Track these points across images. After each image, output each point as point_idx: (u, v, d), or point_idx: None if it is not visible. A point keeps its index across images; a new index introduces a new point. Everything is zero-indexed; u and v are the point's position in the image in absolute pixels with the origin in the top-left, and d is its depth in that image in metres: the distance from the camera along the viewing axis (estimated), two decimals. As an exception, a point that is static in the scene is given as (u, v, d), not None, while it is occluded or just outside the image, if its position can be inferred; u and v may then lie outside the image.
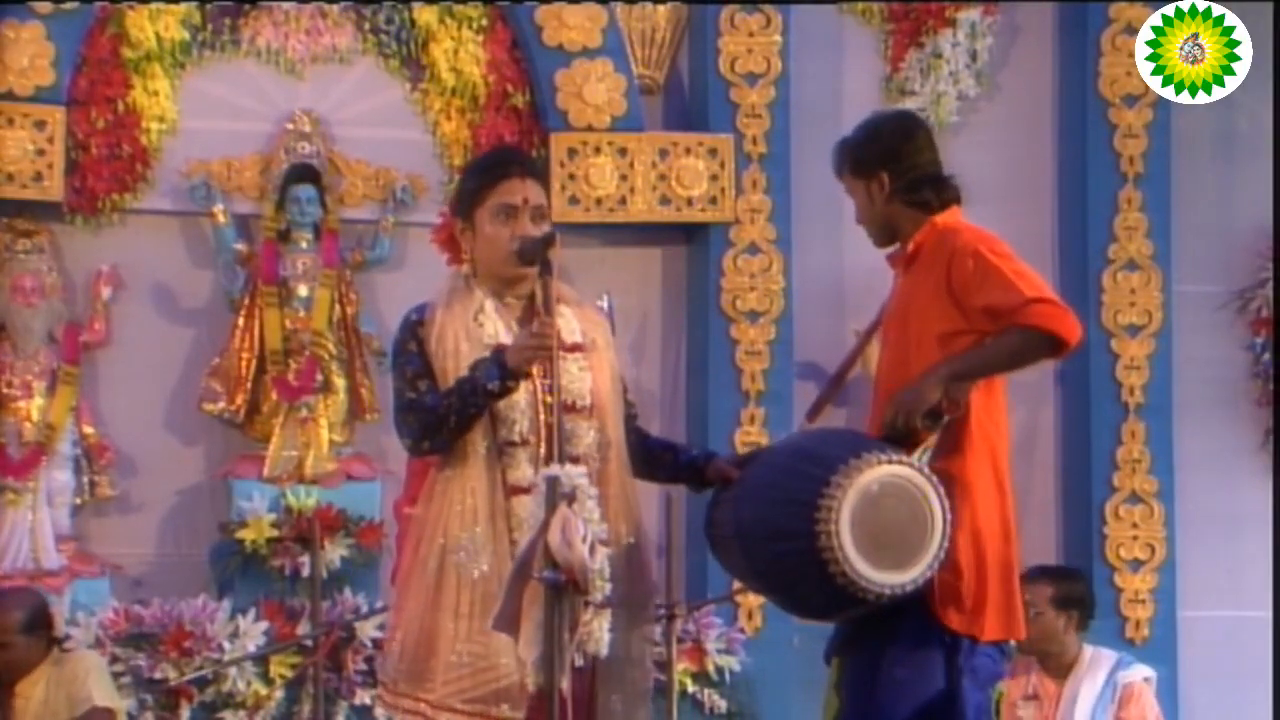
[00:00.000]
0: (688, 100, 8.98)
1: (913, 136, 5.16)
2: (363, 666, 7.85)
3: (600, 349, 4.90)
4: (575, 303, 4.97)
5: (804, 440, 5.32)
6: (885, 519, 4.74)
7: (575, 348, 4.84)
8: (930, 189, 5.09)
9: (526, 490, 4.70)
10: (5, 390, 8.25)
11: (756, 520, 4.87)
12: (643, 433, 5.09)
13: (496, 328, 4.80)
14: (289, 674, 7.77)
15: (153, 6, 8.43)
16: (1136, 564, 8.88)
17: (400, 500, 6.94)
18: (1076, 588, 7.63)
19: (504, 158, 5.22)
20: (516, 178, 4.88)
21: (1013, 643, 6.96)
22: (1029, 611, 7.30)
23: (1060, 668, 7.44)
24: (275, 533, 8.07)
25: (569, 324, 4.86)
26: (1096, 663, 7.49)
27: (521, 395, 4.74)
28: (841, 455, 4.76)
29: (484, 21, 8.69)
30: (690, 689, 8.14)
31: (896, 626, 4.89)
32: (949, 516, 4.78)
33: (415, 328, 4.83)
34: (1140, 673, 7.55)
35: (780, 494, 4.82)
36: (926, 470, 4.79)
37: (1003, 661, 5.08)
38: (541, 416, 4.75)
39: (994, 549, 4.94)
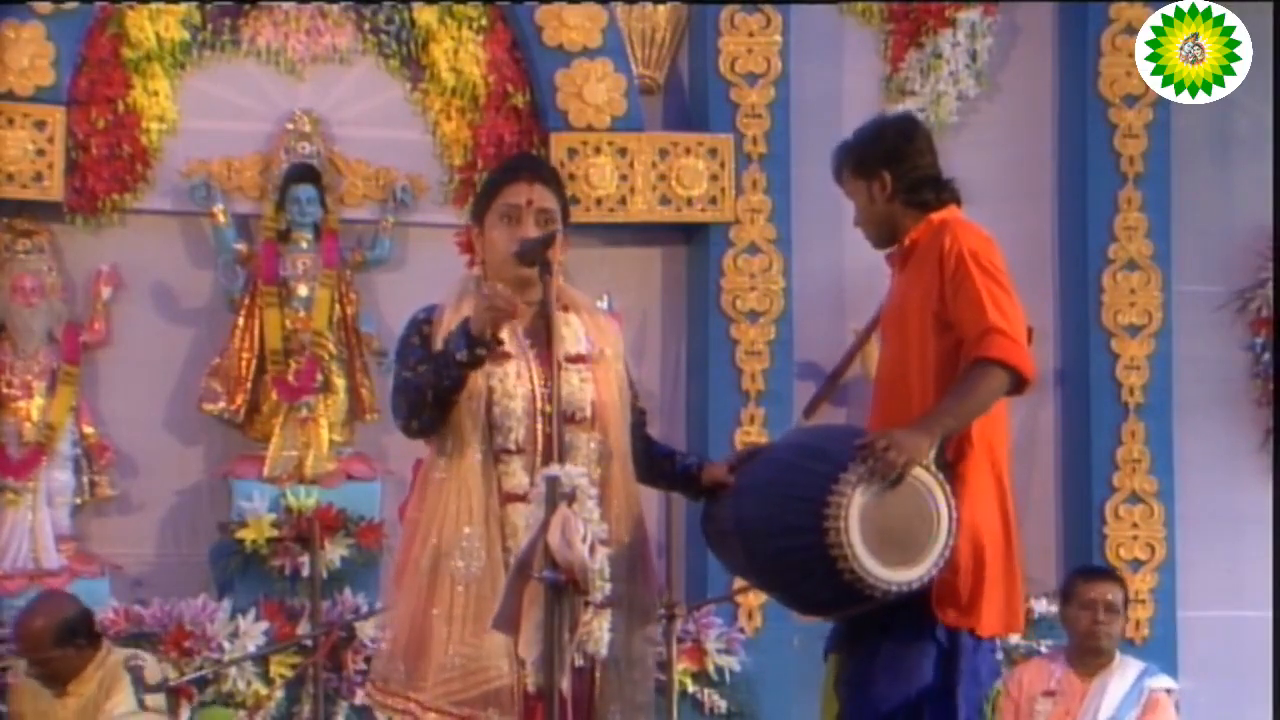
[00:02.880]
0: (688, 100, 8.99)
1: (914, 138, 5.20)
2: (363, 666, 7.84)
3: (609, 360, 4.89)
4: (589, 311, 4.96)
5: (808, 437, 5.32)
6: (893, 516, 4.74)
7: (578, 359, 4.83)
8: (930, 190, 5.12)
9: (521, 498, 4.71)
10: (5, 390, 8.25)
11: (761, 516, 4.87)
12: (649, 439, 5.08)
13: (501, 334, 4.79)
14: (289, 674, 7.77)
15: (153, 6, 8.43)
16: (1136, 564, 8.88)
17: (404, 505, 6.95)
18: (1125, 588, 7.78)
19: (515, 162, 5.25)
20: (524, 181, 4.86)
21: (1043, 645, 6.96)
22: (1099, 610, 7.31)
23: (1096, 667, 7.47)
24: (275, 533, 8.07)
25: (574, 333, 4.85)
26: (1125, 666, 7.54)
27: (519, 403, 4.74)
28: (848, 452, 4.76)
29: (484, 21, 8.69)
30: (690, 689, 8.15)
31: (891, 623, 4.89)
32: (955, 514, 4.78)
33: (421, 325, 4.83)
34: (1165, 683, 7.59)
35: (786, 490, 4.82)
36: (933, 468, 4.79)
37: (996, 657, 5.07)
38: (539, 425, 4.74)
39: (993, 545, 4.94)
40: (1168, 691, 7.58)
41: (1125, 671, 7.49)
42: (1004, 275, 4.97)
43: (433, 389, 4.68)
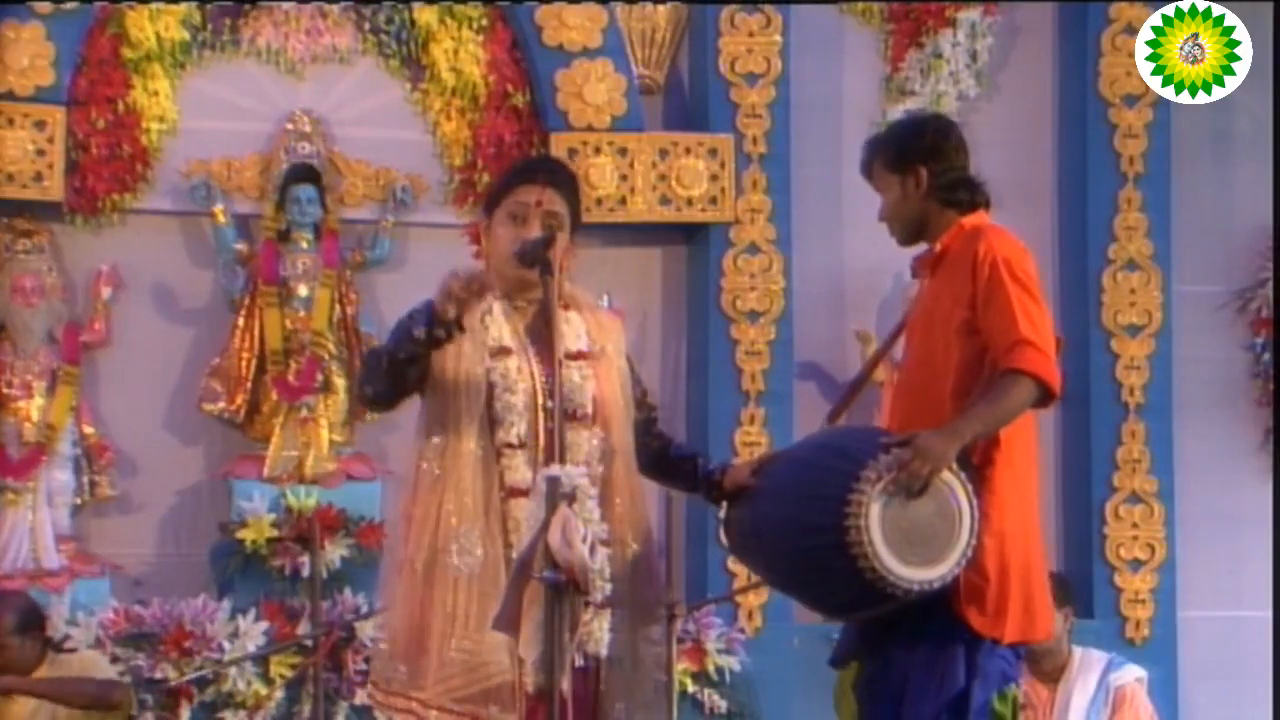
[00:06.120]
0: (688, 100, 8.99)
1: (951, 137, 5.18)
2: (363, 666, 7.83)
3: (610, 356, 4.88)
4: (590, 308, 4.96)
5: (829, 437, 5.30)
6: (914, 515, 4.72)
7: (578, 355, 4.82)
8: (965, 190, 5.11)
9: (524, 493, 4.69)
10: (5, 390, 8.26)
11: (783, 516, 4.85)
12: (666, 439, 5.07)
13: (502, 330, 4.78)
14: (289, 674, 7.77)
15: (153, 6, 8.43)
16: (1136, 564, 8.88)
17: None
18: (1063, 583, 7.62)
19: (531, 163, 5.23)
20: (537, 184, 4.84)
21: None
22: None
23: (1053, 670, 7.39)
24: (275, 533, 8.07)
25: (574, 330, 4.84)
26: (1087, 665, 7.44)
27: (520, 397, 4.73)
28: (869, 450, 4.75)
29: (484, 21, 8.69)
30: (690, 689, 8.14)
31: (922, 625, 4.87)
32: (977, 514, 4.77)
33: (415, 312, 4.80)
34: (1132, 673, 7.50)
35: (808, 489, 4.81)
36: (954, 466, 4.77)
37: (1017, 664, 5.04)
38: (540, 420, 4.74)
39: (1018, 551, 4.93)
40: (1138, 680, 7.50)
41: (1087, 675, 7.38)
42: (1035, 286, 4.96)
43: (388, 356, 4.66)
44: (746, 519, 4.98)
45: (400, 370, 4.65)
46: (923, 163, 5.09)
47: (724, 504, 5.08)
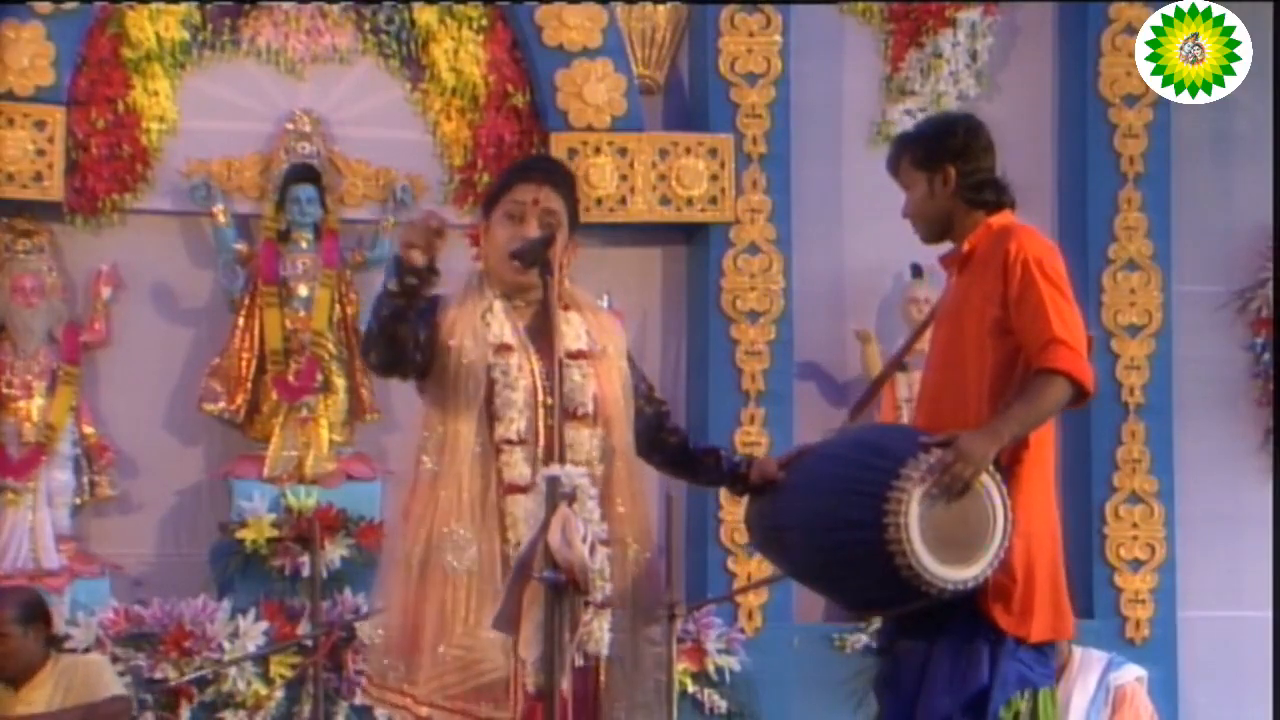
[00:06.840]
0: (688, 100, 8.99)
1: (980, 136, 5.19)
2: (362, 666, 7.81)
3: (611, 357, 4.87)
4: (590, 308, 4.95)
5: (864, 434, 5.30)
6: (951, 514, 4.73)
7: (578, 354, 4.82)
8: (992, 191, 5.12)
9: (523, 489, 4.69)
10: (5, 390, 8.26)
11: (819, 510, 4.85)
12: (682, 432, 5.07)
13: (503, 328, 4.78)
14: (289, 674, 7.77)
15: (153, 6, 8.44)
16: (1136, 564, 8.88)
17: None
18: None
19: (528, 162, 5.24)
20: (534, 182, 4.84)
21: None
22: None
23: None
24: (275, 533, 8.08)
25: (574, 330, 4.84)
26: (1087, 665, 7.43)
27: (520, 394, 4.73)
28: (909, 449, 4.75)
29: (484, 21, 8.70)
30: (690, 689, 8.14)
31: (943, 623, 4.86)
32: (1011, 515, 4.77)
33: (431, 302, 4.82)
34: (1132, 673, 7.49)
35: (845, 484, 4.80)
36: (990, 467, 4.78)
37: (1039, 667, 5.01)
38: (540, 417, 4.74)
39: (1045, 550, 4.94)
40: (1138, 680, 7.50)
41: (1087, 675, 7.36)
42: (1066, 284, 4.98)
43: (377, 320, 4.66)
44: (778, 513, 4.97)
45: (390, 330, 4.63)
46: (952, 161, 5.10)
47: (746, 497, 5.08)
